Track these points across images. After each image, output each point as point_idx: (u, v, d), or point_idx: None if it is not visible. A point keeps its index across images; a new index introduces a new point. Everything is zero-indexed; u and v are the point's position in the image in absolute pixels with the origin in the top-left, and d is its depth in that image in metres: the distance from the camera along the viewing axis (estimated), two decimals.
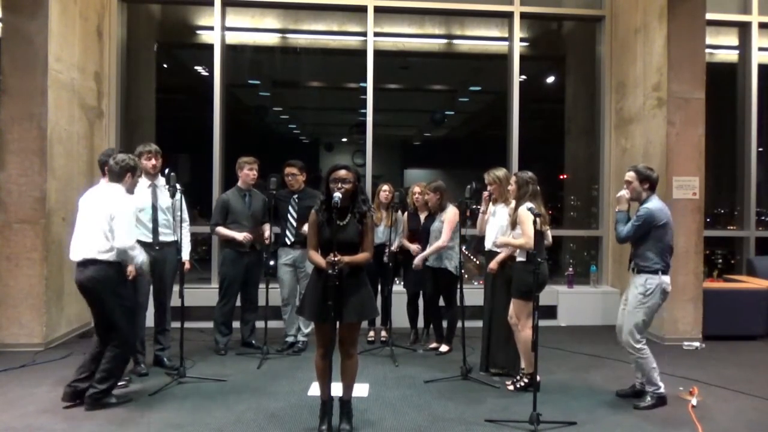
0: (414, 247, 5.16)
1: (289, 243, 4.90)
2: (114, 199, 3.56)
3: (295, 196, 4.90)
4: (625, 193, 3.86)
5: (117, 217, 3.50)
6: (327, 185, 3.14)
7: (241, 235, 4.78)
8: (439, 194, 5.02)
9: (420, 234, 5.17)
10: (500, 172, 4.40)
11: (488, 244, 4.38)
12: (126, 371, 4.19)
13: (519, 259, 4.03)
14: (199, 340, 5.25)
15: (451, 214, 4.95)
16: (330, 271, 2.95)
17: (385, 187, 5.31)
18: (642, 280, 3.74)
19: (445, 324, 5.14)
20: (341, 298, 3.06)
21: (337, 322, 3.11)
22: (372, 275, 5.25)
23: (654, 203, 3.77)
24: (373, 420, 3.49)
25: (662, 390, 3.78)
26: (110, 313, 3.56)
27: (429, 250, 4.96)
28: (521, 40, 6.68)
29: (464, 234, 4.59)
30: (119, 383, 3.91)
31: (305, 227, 4.73)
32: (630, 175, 3.86)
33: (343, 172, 3.11)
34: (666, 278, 3.75)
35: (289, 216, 4.90)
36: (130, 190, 3.74)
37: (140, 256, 3.65)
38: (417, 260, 5.02)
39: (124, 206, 3.56)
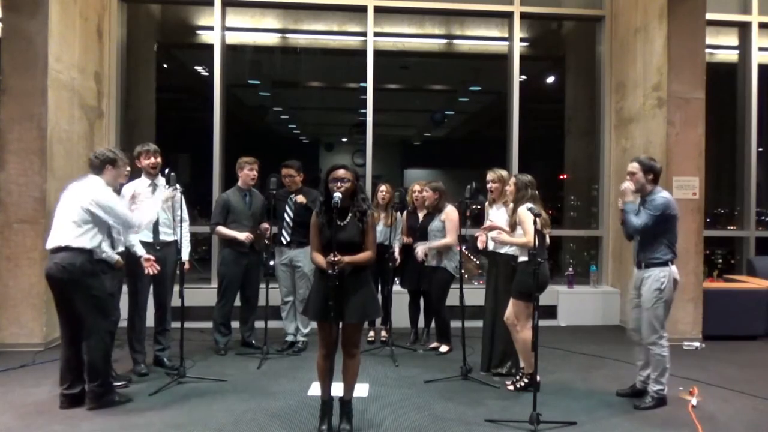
0: (405, 238, 5.22)
1: (285, 242, 4.91)
2: (93, 191, 3.55)
3: (292, 195, 4.90)
4: (629, 184, 3.77)
5: (111, 211, 3.52)
6: (326, 186, 3.14)
7: (243, 235, 4.78)
8: (437, 194, 5.03)
9: (418, 233, 5.16)
10: (504, 172, 4.43)
11: (490, 245, 4.38)
12: (126, 371, 4.21)
13: (521, 259, 4.02)
14: (199, 340, 5.25)
15: (452, 213, 4.95)
16: (330, 272, 2.95)
17: (383, 187, 5.31)
18: (655, 274, 3.69)
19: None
20: (343, 298, 3.05)
21: (340, 323, 3.10)
22: (372, 275, 5.27)
23: (666, 193, 3.76)
24: (373, 420, 3.49)
25: (665, 391, 3.78)
26: (78, 305, 3.48)
27: (436, 243, 4.92)
28: (521, 40, 6.68)
29: (464, 234, 4.59)
30: (119, 383, 3.92)
31: (300, 197, 4.74)
32: (634, 166, 3.78)
33: (341, 171, 3.11)
34: (674, 268, 3.74)
35: (285, 216, 4.90)
36: (111, 183, 3.71)
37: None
38: (420, 249, 4.94)
39: (106, 196, 3.56)
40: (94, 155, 3.69)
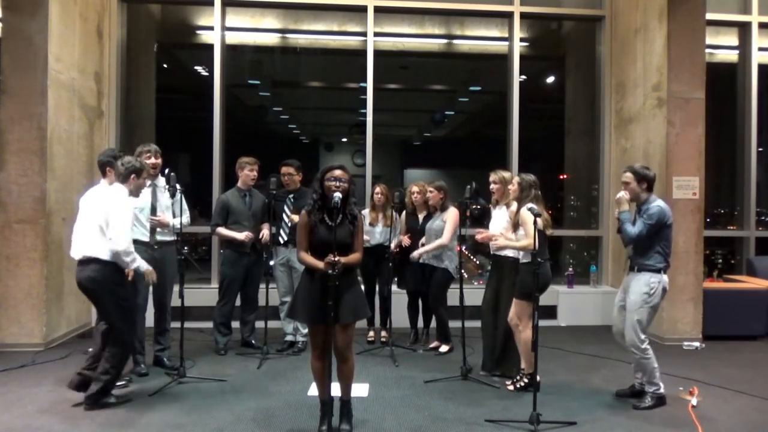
0: (405, 238, 5.20)
1: (282, 242, 4.91)
2: (112, 199, 3.55)
3: (291, 195, 4.90)
4: (624, 194, 3.81)
5: (112, 219, 3.48)
6: (321, 185, 3.14)
7: (242, 235, 4.77)
8: (442, 193, 5.03)
9: (418, 234, 5.16)
10: (506, 173, 4.42)
11: (492, 248, 4.37)
12: (126, 371, 4.20)
13: (523, 260, 4.02)
14: (199, 340, 5.25)
15: (453, 214, 4.95)
16: (330, 272, 2.95)
17: (377, 189, 5.29)
18: (646, 279, 3.72)
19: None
20: (337, 298, 3.06)
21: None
22: (370, 275, 5.29)
23: (661, 202, 3.78)
24: (373, 420, 3.49)
25: (662, 390, 3.78)
26: (107, 313, 3.59)
27: (430, 246, 4.93)
28: (521, 40, 6.68)
29: (464, 234, 4.59)
30: (119, 383, 3.92)
31: (294, 218, 4.73)
32: (627, 176, 3.83)
33: (339, 172, 3.13)
34: (665, 277, 3.76)
35: (284, 215, 4.89)
36: (135, 193, 3.72)
37: (136, 263, 3.59)
38: (415, 253, 4.96)
39: (121, 208, 3.54)
40: (120, 163, 3.64)
